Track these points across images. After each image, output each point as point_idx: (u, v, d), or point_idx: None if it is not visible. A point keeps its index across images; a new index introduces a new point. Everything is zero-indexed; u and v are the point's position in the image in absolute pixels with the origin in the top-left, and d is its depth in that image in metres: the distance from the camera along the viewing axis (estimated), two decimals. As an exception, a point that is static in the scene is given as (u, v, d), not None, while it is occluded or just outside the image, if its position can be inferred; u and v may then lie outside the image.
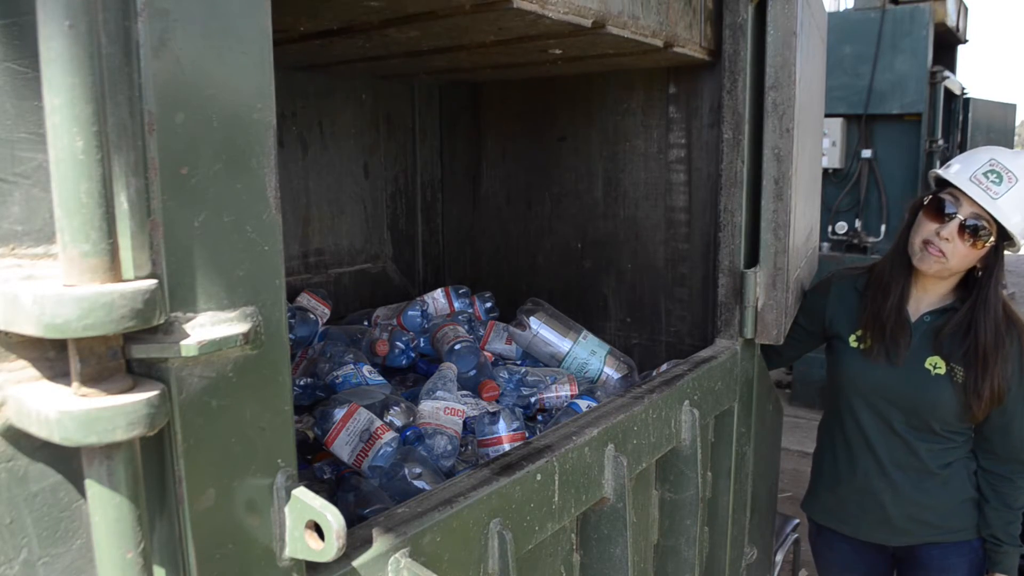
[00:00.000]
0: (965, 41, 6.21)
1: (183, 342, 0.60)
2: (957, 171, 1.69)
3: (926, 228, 1.71)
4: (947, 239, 1.66)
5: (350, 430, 1.39)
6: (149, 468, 0.62)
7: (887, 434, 1.81)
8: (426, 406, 1.50)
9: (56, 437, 0.54)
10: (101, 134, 0.52)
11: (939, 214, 1.68)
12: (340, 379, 1.63)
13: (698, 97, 1.86)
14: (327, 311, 2.03)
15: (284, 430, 0.71)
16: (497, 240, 2.32)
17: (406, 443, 1.40)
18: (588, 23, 1.27)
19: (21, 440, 0.57)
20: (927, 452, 1.79)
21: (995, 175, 1.64)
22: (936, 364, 1.75)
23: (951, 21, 5.48)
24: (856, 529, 1.92)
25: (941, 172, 1.73)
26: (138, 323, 0.55)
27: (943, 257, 1.68)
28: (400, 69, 2.00)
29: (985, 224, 1.64)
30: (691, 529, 1.51)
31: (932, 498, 1.81)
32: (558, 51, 1.58)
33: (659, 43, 1.48)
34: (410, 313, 2.06)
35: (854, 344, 1.85)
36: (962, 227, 1.65)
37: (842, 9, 5.89)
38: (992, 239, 1.67)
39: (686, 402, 1.47)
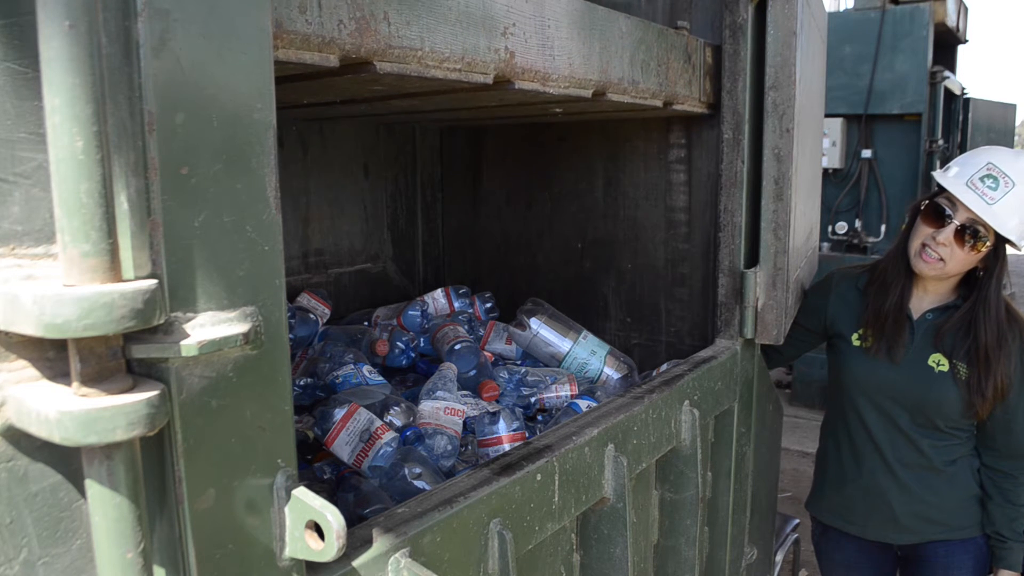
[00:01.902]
0: (965, 41, 6.21)
1: (183, 342, 0.60)
2: (954, 175, 1.69)
3: (924, 233, 1.71)
4: (944, 244, 1.67)
5: (350, 430, 1.39)
6: (149, 468, 0.62)
7: (892, 432, 1.82)
8: (426, 406, 1.50)
9: (56, 437, 0.54)
10: (101, 134, 0.52)
11: (936, 219, 1.69)
12: (340, 379, 1.63)
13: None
14: (327, 311, 2.03)
15: (284, 430, 0.71)
16: (497, 240, 2.32)
17: (406, 443, 1.40)
18: (588, 94, 1.28)
19: (21, 440, 0.57)
20: (932, 449, 1.79)
21: (991, 180, 1.64)
22: (939, 361, 1.76)
23: (951, 21, 5.48)
24: (863, 528, 1.92)
25: (939, 177, 1.73)
26: (138, 323, 0.55)
27: (941, 262, 1.69)
28: (400, 119, 2.03)
29: (981, 229, 1.65)
30: (691, 529, 1.51)
31: (938, 496, 1.81)
32: (559, 110, 1.61)
33: (659, 103, 1.50)
34: (410, 313, 2.06)
35: (856, 343, 1.85)
36: (959, 233, 1.66)
37: (842, 9, 5.89)
38: (990, 243, 1.67)
39: (686, 402, 1.47)
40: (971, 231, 1.65)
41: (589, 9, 1.25)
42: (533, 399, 1.75)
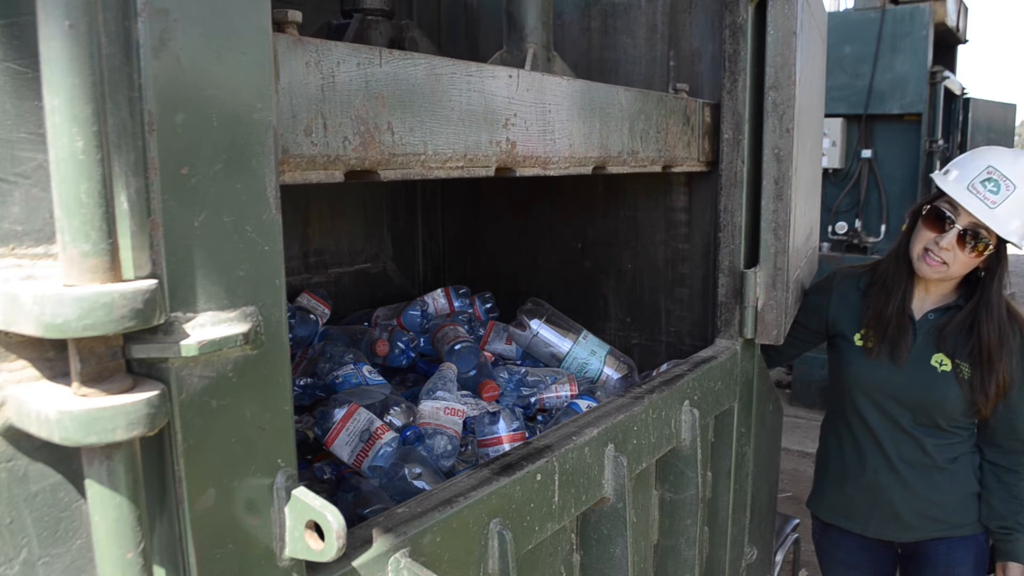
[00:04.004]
0: (965, 41, 6.21)
1: (183, 342, 0.60)
2: (955, 179, 1.69)
3: (926, 237, 1.71)
4: (947, 249, 1.68)
5: (350, 430, 1.39)
6: (149, 468, 0.62)
7: (894, 431, 1.82)
8: (426, 406, 1.50)
9: (56, 437, 0.54)
10: (101, 134, 0.52)
11: (938, 223, 1.69)
12: (340, 379, 1.63)
13: (698, 97, 1.86)
14: (327, 311, 2.03)
15: (284, 430, 0.71)
16: (497, 240, 2.32)
17: (406, 443, 1.40)
18: (588, 170, 1.29)
19: (21, 440, 0.57)
20: (934, 448, 1.80)
21: (992, 183, 1.64)
22: (942, 361, 1.76)
23: (951, 21, 5.48)
24: (864, 526, 1.93)
25: (939, 181, 1.73)
26: (138, 323, 0.55)
27: (944, 265, 1.69)
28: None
29: (983, 232, 1.65)
30: (691, 529, 1.51)
31: (941, 493, 1.82)
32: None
33: (657, 169, 1.51)
34: (410, 313, 2.06)
35: (859, 343, 1.85)
36: (961, 237, 1.66)
37: (842, 9, 5.90)
38: (992, 245, 1.68)
39: (686, 402, 1.47)
40: (973, 235, 1.65)
41: (589, 88, 1.25)
42: (533, 399, 1.75)
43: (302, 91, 0.76)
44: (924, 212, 1.73)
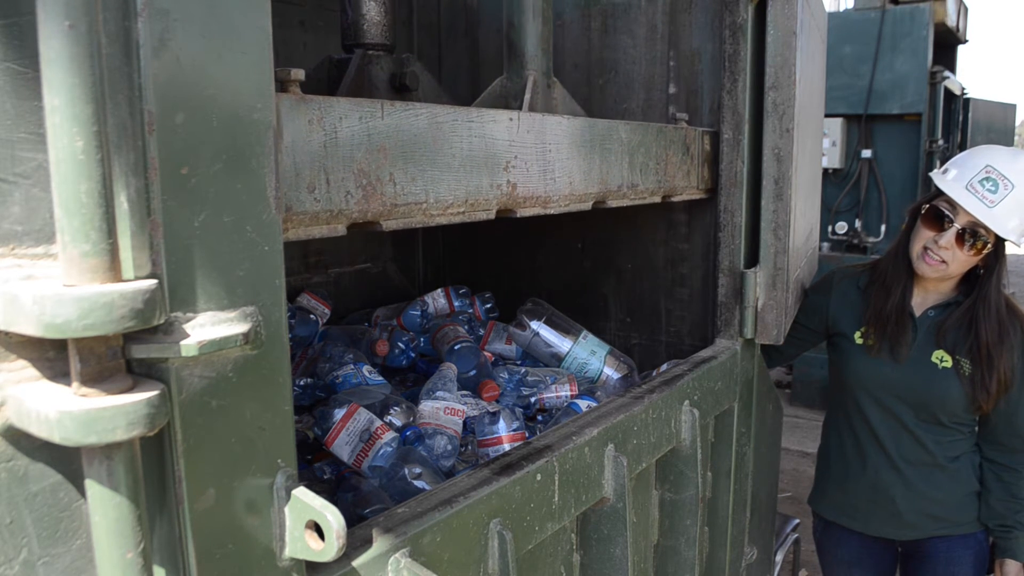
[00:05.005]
0: (965, 41, 6.21)
1: (183, 342, 0.60)
2: (954, 178, 1.70)
3: (925, 236, 1.72)
4: (946, 248, 1.68)
5: (350, 430, 1.39)
6: (149, 468, 0.62)
7: (896, 429, 1.83)
8: (426, 406, 1.50)
9: (56, 437, 0.54)
10: (101, 134, 0.52)
11: (937, 223, 1.70)
12: (340, 379, 1.63)
13: (698, 97, 1.86)
14: (327, 311, 2.03)
15: (284, 430, 0.71)
16: (497, 240, 2.32)
17: (406, 443, 1.40)
18: (588, 206, 1.30)
19: (21, 440, 0.57)
20: (936, 445, 1.80)
21: (991, 182, 1.65)
22: (943, 358, 1.77)
23: (951, 21, 5.48)
24: (866, 524, 1.93)
25: (937, 180, 1.73)
26: (138, 323, 0.55)
27: (943, 264, 1.70)
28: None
29: (982, 231, 1.66)
30: (691, 529, 1.51)
31: (942, 491, 1.82)
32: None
33: (657, 199, 1.52)
34: (410, 313, 2.06)
35: (859, 341, 1.86)
36: (960, 236, 1.67)
37: (842, 9, 5.89)
38: (990, 244, 1.68)
39: (686, 402, 1.47)
40: (972, 233, 1.66)
41: (589, 125, 1.26)
42: (533, 399, 1.75)
43: (305, 148, 0.77)
44: (923, 211, 1.74)
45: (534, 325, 1.91)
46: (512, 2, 1.38)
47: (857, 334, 1.87)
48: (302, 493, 0.70)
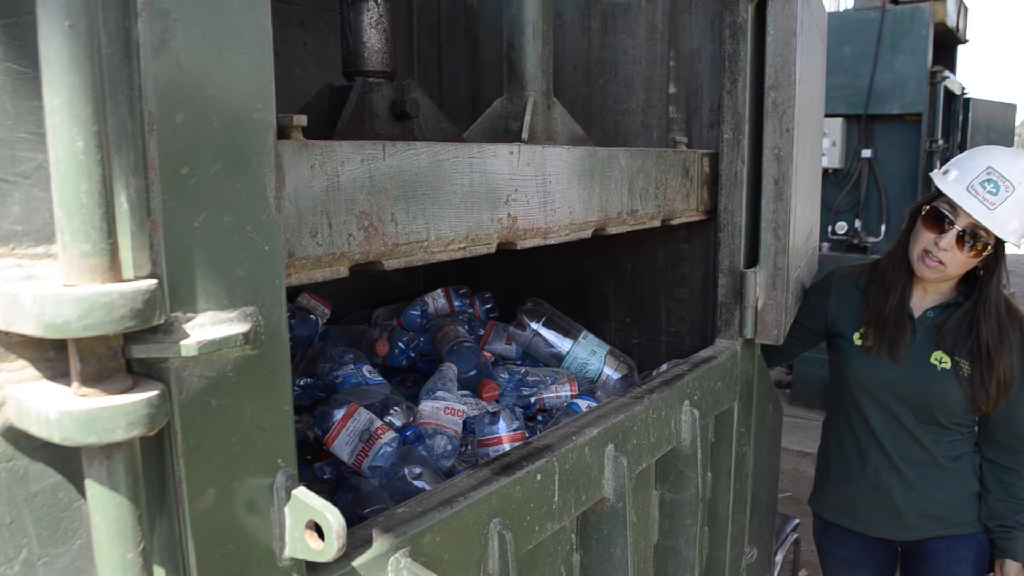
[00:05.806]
0: (965, 41, 6.21)
1: (183, 342, 0.60)
2: (954, 179, 1.69)
3: (925, 238, 1.72)
4: (946, 249, 1.68)
5: (350, 430, 1.39)
6: (149, 468, 0.62)
7: (896, 429, 1.83)
8: (426, 406, 1.50)
9: (56, 437, 0.54)
10: (101, 134, 0.52)
11: (937, 224, 1.70)
12: (340, 379, 1.63)
13: (698, 97, 1.86)
14: (327, 311, 2.03)
15: (284, 430, 0.71)
16: (497, 240, 2.32)
17: (406, 443, 1.40)
18: (588, 234, 1.30)
19: (21, 440, 0.57)
20: (935, 445, 1.80)
21: (992, 184, 1.65)
22: (942, 359, 1.77)
23: (951, 21, 5.48)
24: (866, 525, 1.93)
25: (938, 181, 1.73)
26: (138, 323, 0.55)
27: (943, 265, 1.70)
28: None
29: (982, 232, 1.66)
30: (691, 529, 1.51)
31: (942, 492, 1.82)
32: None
33: (657, 223, 1.53)
34: (410, 313, 2.06)
35: (858, 342, 1.86)
36: (960, 237, 1.67)
37: (842, 9, 5.89)
38: (990, 245, 1.68)
39: (686, 402, 1.47)
40: (972, 235, 1.66)
41: (589, 154, 1.26)
42: (533, 399, 1.75)
43: (307, 194, 0.77)
44: (923, 212, 1.74)
45: (534, 325, 1.91)
46: (512, 23, 1.38)
47: (856, 335, 1.87)
48: (302, 493, 0.70)
